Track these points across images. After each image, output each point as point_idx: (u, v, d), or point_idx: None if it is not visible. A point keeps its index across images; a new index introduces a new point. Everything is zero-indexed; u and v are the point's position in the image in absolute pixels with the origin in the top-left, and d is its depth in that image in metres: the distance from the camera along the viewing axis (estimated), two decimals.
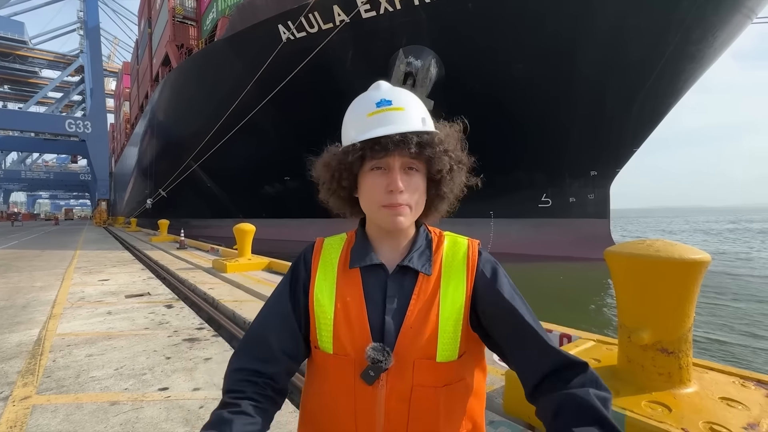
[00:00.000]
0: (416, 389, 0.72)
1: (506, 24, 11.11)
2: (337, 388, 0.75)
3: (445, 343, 0.73)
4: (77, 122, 37.44)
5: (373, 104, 0.75)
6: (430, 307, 0.74)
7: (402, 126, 0.72)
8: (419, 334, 0.72)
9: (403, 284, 0.77)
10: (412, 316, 0.73)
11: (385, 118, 0.73)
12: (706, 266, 1.76)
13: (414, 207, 0.76)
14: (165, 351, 3.25)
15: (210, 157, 17.63)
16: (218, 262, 7.54)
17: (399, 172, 0.73)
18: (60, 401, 2.40)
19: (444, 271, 0.78)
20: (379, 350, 0.70)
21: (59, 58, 52.43)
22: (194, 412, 2.25)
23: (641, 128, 13.60)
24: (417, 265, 0.77)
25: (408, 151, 0.71)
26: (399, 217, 0.74)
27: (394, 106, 0.74)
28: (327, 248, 0.84)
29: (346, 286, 0.78)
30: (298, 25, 13.14)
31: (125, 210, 46.89)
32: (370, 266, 0.78)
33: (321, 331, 0.77)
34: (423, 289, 0.76)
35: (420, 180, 0.76)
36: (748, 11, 11.64)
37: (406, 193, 0.73)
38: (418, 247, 0.80)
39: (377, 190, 0.74)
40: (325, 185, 0.83)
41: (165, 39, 25.28)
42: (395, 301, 0.75)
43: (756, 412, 1.62)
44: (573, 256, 13.00)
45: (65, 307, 4.83)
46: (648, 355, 1.83)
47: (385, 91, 0.76)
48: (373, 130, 0.72)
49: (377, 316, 0.74)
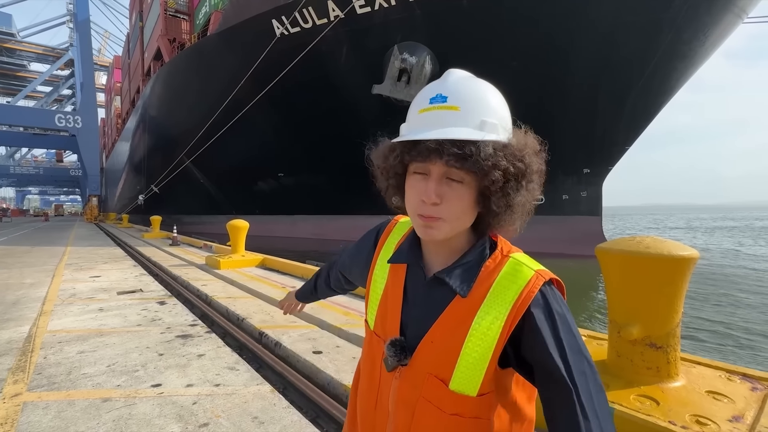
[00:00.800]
0: (421, 402, 0.70)
1: (500, 21, 11.14)
2: (372, 362, 0.81)
3: (462, 374, 0.67)
4: (67, 117, 36.88)
5: (428, 100, 0.67)
6: (458, 331, 0.67)
7: (444, 131, 0.63)
8: (438, 352, 0.69)
9: (434, 294, 0.72)
10: (435, 332, 0.69)
11: (434, 118, 0.65)
12: (694, 262, 1.79)
13: (452, 221, 0.67)
14: (158, 347, 3.24)
15: (203, 153, 17.48)
16: (211, 258, 7.50)
17: (437, 182, 0.65)
18: (51, 398, 2.38)
19: (488, 299, 0.67)
20: (396, 346, 0.72)
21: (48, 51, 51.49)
22: (187, 408, 2.25)
23: (633, 126, 13.73)
24: (453, 282, 0.69)
25: (446, 161, 0.63)
26: (430, 230, 0.67)
27: (448, 105, 0.65)
28: (397, 230, 0.87)
29: (394, 275, 0.80)
30: (292, 20, 13.04)
31: (117, 206, 46.39)
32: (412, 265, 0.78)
33: (371, 305, 0.83)
34: (456, 310, 0.69)
35: (464, 192, 0.66)
36: (739, 11, 11.76)
37: (442, 205, 0.66)
38: (466, 261, 0.71)
39: (414, 196, 0.68)
40: (378, 181, 0.79)
41: (157, 33, 24.94)
42: (421, 309, 0.73)
43: (741, 405, 1.66)
44: (566, 253, 13.10)
45: (56, 304, 4.79)
46: (637, 349, 1.86)
47: (448, 84, 0.67)
48: (413, 132, 0.66)
49: (408, 314, 0.75)
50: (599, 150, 13.65)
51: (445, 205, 0.66)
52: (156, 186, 21.02)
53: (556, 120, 12.72)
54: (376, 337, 0.80)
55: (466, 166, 0.63)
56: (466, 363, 0.66)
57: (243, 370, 2.79)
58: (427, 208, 0.66)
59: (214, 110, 15.80)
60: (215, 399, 2.35)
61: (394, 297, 0.78)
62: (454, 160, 0.62)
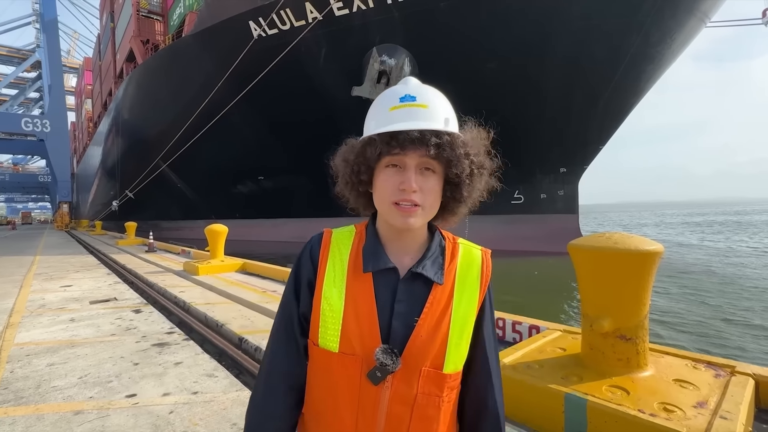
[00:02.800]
0: (420, 396, 0.72)
1: (477, 23, 11.33)
2: (341, 387, 0.73)
3: (452, 354, 0.74)
4: (35, 121, 35.46)
5: (397, 98, 0.72)
6: (442, 317, 0.74)
7: (422, 123, 0.69)
8: (429, 343, 0.72)
9: (413, 290, 0.75)
10: (423, 325, 0.72)
11: (407, 113, 0.71)
12: (659, 256, 1.87)
13: (427, 209, 0.73)
14: (133, 357, 3.15)
15: (179, 157, 17.06)
16: (189, 264, 7.34)
17: (414, 172, 0.71)
18: (19, 413, 2.29)
19: (458, 282, 0.77)
20: (389, 353, 0.70)
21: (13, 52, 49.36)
22: (164, 418, 2.19)
23: (607, 126, 14.19)
24: (429, 273, 0.75)
25: (426, 150, 0.68)
26: (410, 218, 0.71)
27: (418, 103, 0.71)
28: (336, 242, 0.81)
29: (358, 286, 0.75)
30: (269, 21, 12.92)
31: (89, 213, 44.81)
32: (383, 269, 0.77)
33: (326, 329, 0.75)
34: (437, 298, 0.74)
35: (436, 182, 0.73)
36: (702, 15, 12.31)
37: (419, 193, 0.71)
38: (431, 253, 0.77)
39: (390, 186, 0.72)
40: (343, 178, 0.80)
41: (129, 34, 24.27)
42: (403, 306, 0.74)
43: (705, 391, 1.74)
44: (545, 250, 13.39)
45: (24, 316, 4.60)
46: (608, 342, 1.93)
47: (412, 87, 0.74)
48: (393, 125, 0.70)
49: (385, 319, 0.73)
50: (575, 149, 14.05)
51: (421, 194, 0.71)
52: (131, 191, 20.40)
53: (534, 120, 13.04)
54: (347, 357, 0.73)
55: (445, 156, 0.70)
56: (454, 343, 0.74)
57: (222, 376, 2.74)
58: (406, 196, 0.70)
59: (190, 113, 15.47)
60: (193, 407, 2.31)
61: (366, 307, 0.74)
62: (434, 148, 0.68)
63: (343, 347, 0.73)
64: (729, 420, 1.50)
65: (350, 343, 0.73)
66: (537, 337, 2.44)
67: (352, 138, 0.80)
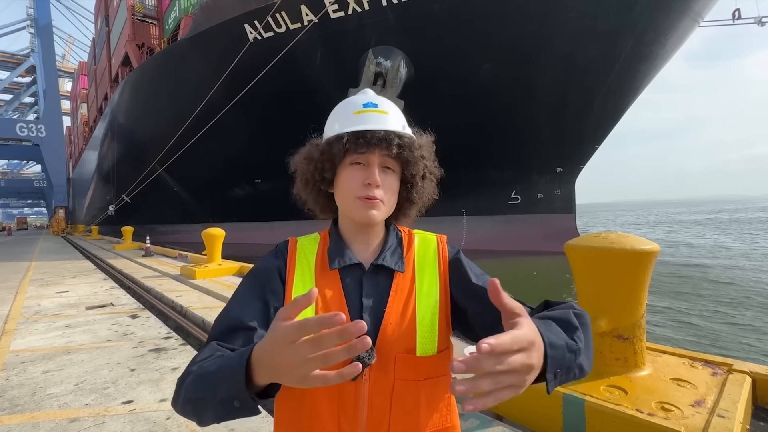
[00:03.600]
0: (398, 383, 0.73)
1: (472, 25, 11.38)
2: (318, 389, 0.71)
3: (423, 337, 0.76)
4: (29, 125, 35.33)
5: (361, 105, 0.79)
6: (408, 303, 0.77)
7: (385, 126, 0.76)
8: (398, 329, 0.75)
9: (378, 282, 0.79)
10: (391, 313, 0.76)
11: (371, 117, 0.77)
12: (655, 256, 1.87)
13: (386, 204, 0.79)
14: (129, 363, 3.13)
15: (176, 161, 17.02)
16: (187, 268, 7.31)
17: (378, 168, 0.77)
18: (14, 421, 2.27)
19: (417, 268, 0.81)
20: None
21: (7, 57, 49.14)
22: (161, 424, 2.18)
23: (602, 126, 14.27)
24: (390, 263, 0.80)
25: (389, 149, 0.75)
26: (372, 211, 0.77)
27: (379, 109, 0.79)
28: (302, 248, 0.84)
29: (326, 286, 0.78)
30: (265, 24, 12.93)
31: (86, 217, 44.56)
32: (348, 265, 0.80)
33: None
34: (400, 286, 0.79)
35: (394, 180, 0.80)
36: (695, 15, 12.40)
37: (381, 189, 0.77)
38: (389, 246, 0.83)
39: (355, 182, 0.77)
40: (303, 177, 0.84)
41: (124, 38, 24.21)
42: (372, 299, 0.77)
43: (702, 390, 1.74)
44: (542, 250, 13.43)
45: (19, 322, 4.56)
46: (606, 341, 1.93)
47: (371, 96, 0.81)
48: (360, 125, 0.76)
49: (355, 314, 0.76)
50: (571, 149, 14.11)
51: (382, 189, 0.77)
52: (127, 195, 20.34)
53: (529, 120, 13.09)
54: None
55: (405, 156, 0.77)
56: (423, 326, 0.76)
57: None
58: (370, 190, 0.76)
59: (186, 116, 15.44)
60: None
61: (336, 303, 0.76)
62: (397, 148, 0.75)
63: None
64: (726, 418, 1.51)
65: None
66: None
67: (315, 138, 0.85)
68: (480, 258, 12.71)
